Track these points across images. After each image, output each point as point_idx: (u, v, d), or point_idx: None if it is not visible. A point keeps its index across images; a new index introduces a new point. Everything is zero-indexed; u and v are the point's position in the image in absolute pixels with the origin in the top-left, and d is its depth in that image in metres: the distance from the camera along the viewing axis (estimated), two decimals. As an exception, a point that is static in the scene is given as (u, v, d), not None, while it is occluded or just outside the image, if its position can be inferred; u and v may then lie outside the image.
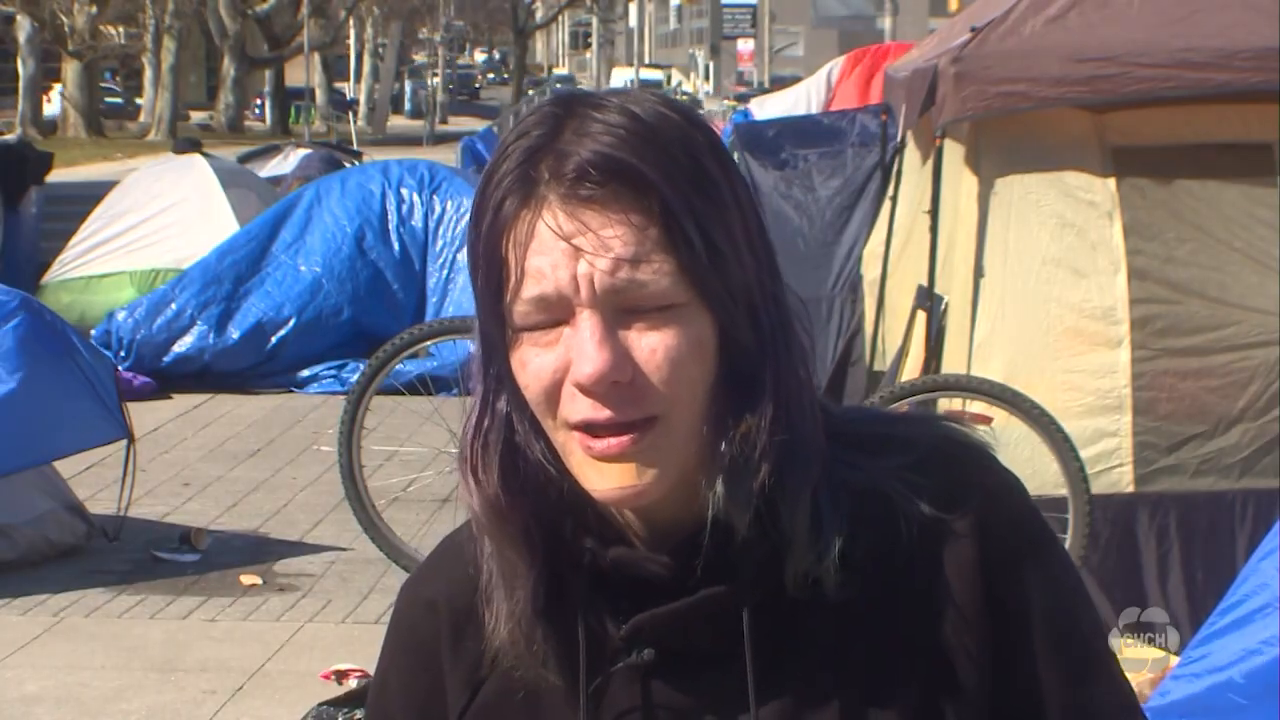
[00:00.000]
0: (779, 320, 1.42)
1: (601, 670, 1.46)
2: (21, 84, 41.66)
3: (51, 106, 45.36)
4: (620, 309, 1.37)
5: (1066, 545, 4.84)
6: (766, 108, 17.13)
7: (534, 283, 1.37)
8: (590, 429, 1.38)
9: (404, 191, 12.23)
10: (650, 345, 1.37)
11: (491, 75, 74.77)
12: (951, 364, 6.31)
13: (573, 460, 1.40)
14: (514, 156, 1.39)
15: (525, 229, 1.37)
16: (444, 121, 54.86)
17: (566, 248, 1.36)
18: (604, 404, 1.37)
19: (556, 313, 1.37)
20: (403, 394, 8.69)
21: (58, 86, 44.25)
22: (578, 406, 1.37)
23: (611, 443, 1.37)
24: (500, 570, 1.46)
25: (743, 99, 32.61)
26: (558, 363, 1.38)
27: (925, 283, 6.60)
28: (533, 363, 1.39)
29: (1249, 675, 3.79)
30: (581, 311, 1.36)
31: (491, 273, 1.39)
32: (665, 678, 1.46)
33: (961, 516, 1.45)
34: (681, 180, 1.37)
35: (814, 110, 15.17)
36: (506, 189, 1.38)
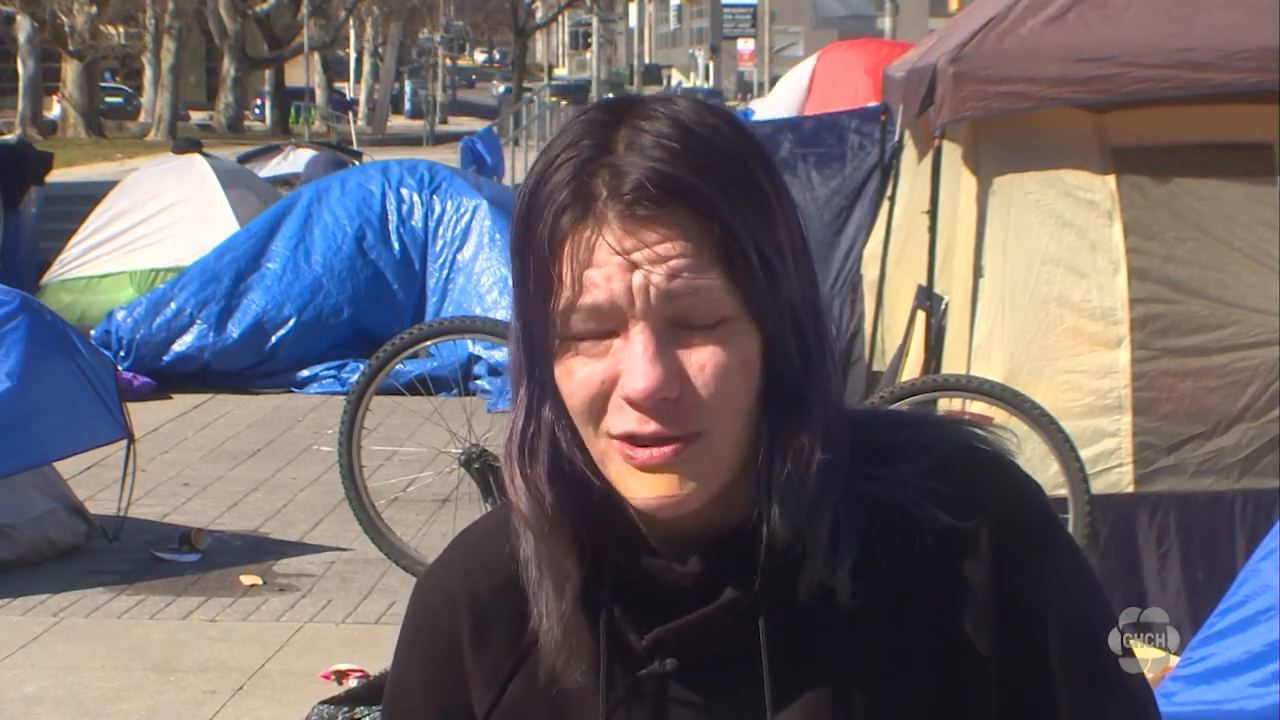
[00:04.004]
0: (820, 334, 1.42)
1: (623, 676, 1.47)
2: (21, 84, 41.63)
3: (52, 113, 45.37)
4: (672, 323, 1.37)
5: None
6: (769, 105, 17.13)
7: (588, 293, 1.36)
8: (633, 440, 1.38)
9: (404, 192, 12.23)
10: (700, 361, 1.37)
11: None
12: (951, 364, 6.31)
13: (612, 468, 1.40)
14: (566, 168, 1.38)
15: (583, 244, 1.36)
16: (444, 121, 54.85)
17: (623, 261, 1.35)
18: (651, 418, 1.37)
19: (608, 323, 1.37)
20: (403, 394, 8.70)
21: (58, 95, 44.24)
22: (623, 419, 1.38)
23: (654, 453, 1.37)
24: (550, 573, 1.46)
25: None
26: (606, 373, 1.38)
27: (925, 283, 6.60)
28: (579, 371, 1.39)
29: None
30: (635, 324, 1.36)
31: (542, 281, 1.38)
32: (685, 684, 1.47)
33: (978, 522, 1.45)
34: (737, 195, 1.37)
35: (796, 99, 15.26)
36: (562, 203, 1.37)
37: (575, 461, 1.43)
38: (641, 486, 1.39)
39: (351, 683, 5.78)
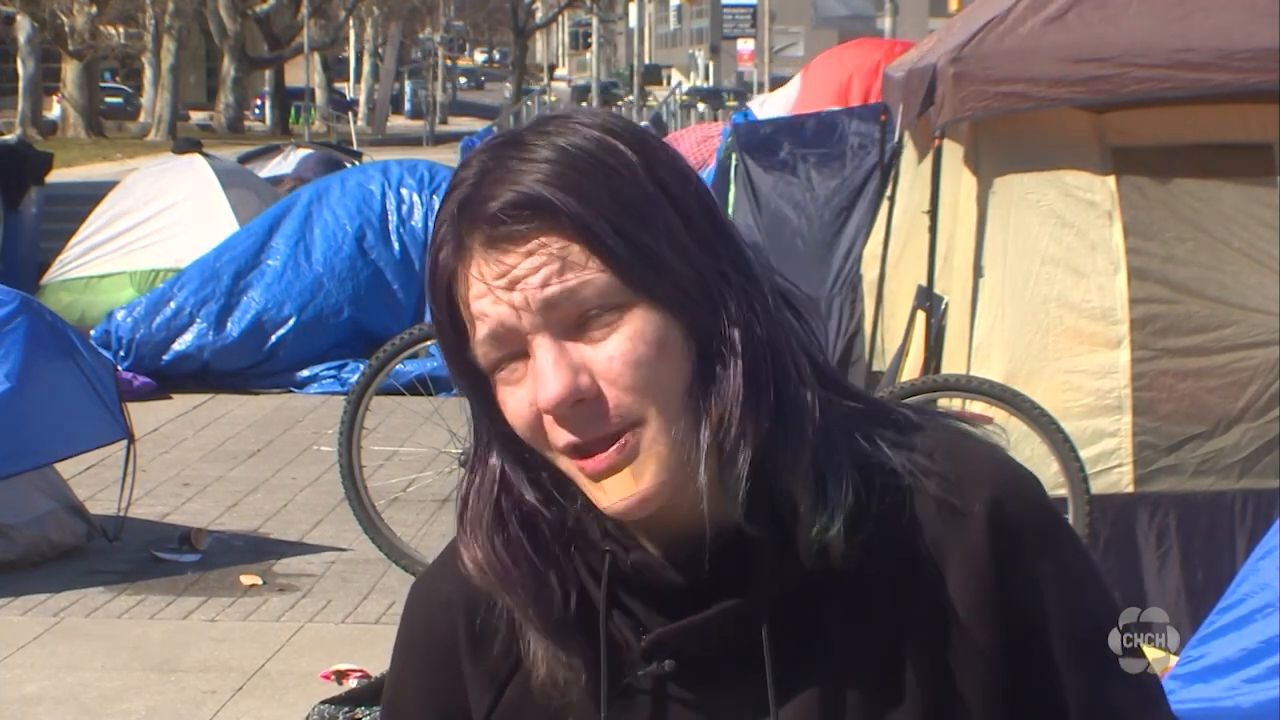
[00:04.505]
0: (746, 308, 1.43)
1: (622, 677, 1.48)
2: (21, 84, 41.64)
3: (52, 113, 45.37)
4: (569, 325, 1.39)
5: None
6: (766, 107, 17.17)
7: (481, 324, 1.40)
8: (578, 450, 1.40)
9: (404, 191, 12.23)
10: (608, 354, 1.39)
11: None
12: (951, 364, 6.31)
13: (580, 483, 1.42)
14: (448, 207, 1.43)
15: (462, 279, 1.41)
16: (444, 121, 54.85)
17: (499, 284, 1.39)
18: (581, 425, 1.39)
19: (511, 346, 1.40)
20: (403, 394, 8.69)
21: (58, 95, 44.24)
22: (560, 433, 1.40)
23: (600, 457, 1.39)
24: (528, 620, 1.48)
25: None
26: (530, 396, 1.40)
27: (925, 283, 6.60)
28: (509, 401, 1.42)
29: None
30: (533, 339, 1.39)
31: (445, 324, 1.43)
32: (685, 684, 1.47)
33: (971, 507, 1.46)
34: (599, 197, 1.39)
35: (787, 99, 15.28)
36: (442, 238, 1.42)
37: (527, 499, 1.46)
38: (603, 494, 1.41)
39: (351, 683, 5.78)
